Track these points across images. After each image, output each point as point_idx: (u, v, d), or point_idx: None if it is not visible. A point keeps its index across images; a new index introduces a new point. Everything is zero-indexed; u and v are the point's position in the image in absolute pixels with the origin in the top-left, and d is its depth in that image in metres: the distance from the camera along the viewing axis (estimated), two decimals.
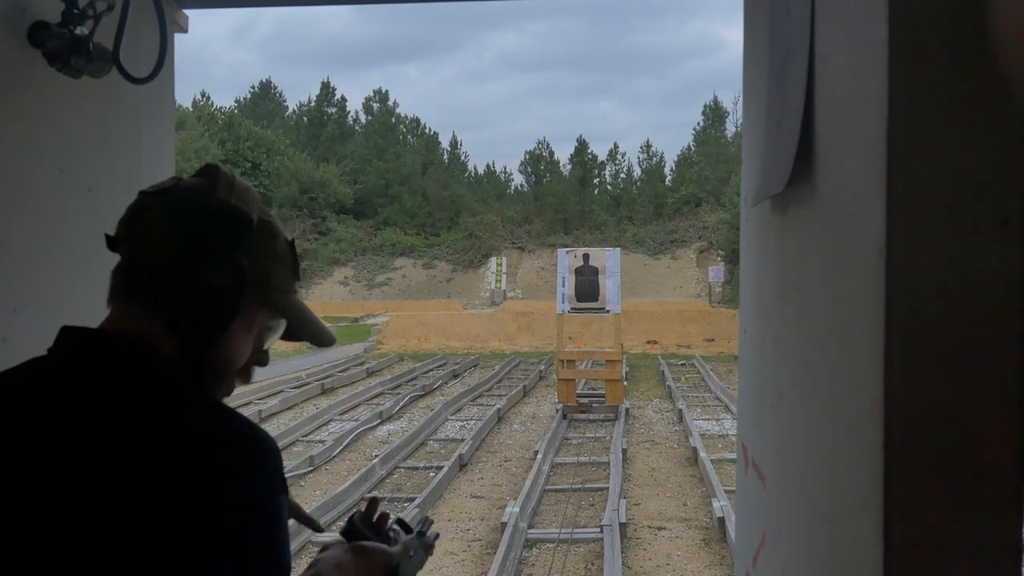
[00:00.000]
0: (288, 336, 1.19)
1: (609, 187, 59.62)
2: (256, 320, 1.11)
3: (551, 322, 18.66)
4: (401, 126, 62.48)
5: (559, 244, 35.09)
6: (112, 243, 1.09)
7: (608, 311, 13.39)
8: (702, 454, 9.73)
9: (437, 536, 1.44)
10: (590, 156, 59.23)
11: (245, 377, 1.15)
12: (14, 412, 1.00)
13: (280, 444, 1.10)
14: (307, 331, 1.17)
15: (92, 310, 2.16)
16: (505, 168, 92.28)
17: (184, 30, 2.52)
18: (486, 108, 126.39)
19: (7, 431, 0.98)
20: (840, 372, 1.04)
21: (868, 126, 0.91)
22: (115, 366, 1.01)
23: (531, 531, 7.35)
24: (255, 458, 0.98)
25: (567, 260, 13.46)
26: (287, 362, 18.98)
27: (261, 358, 1.16)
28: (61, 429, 0.96)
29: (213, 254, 1.04)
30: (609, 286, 13.30)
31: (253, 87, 65.12)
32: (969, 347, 0.85)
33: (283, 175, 48.78)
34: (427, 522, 1.43)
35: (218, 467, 0.94)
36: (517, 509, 7.44)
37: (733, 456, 9.08)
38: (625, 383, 15.10)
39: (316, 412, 13.44)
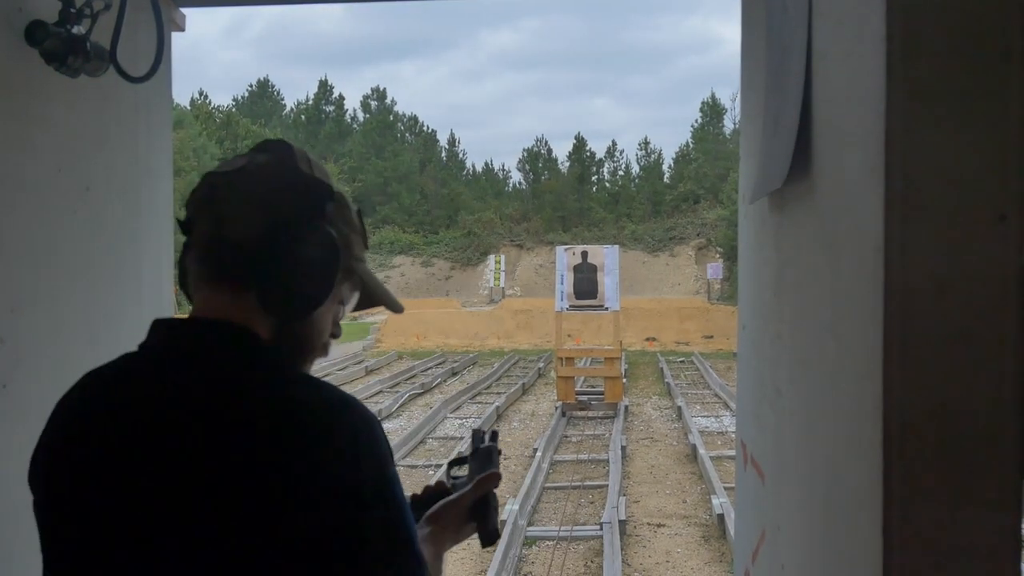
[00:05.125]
0: (358, 306, 1.20)
1: (607, 184, 59.60)
2: (341, 291, 1.11)
3: (550, 320, 18.64)
4: (399, 124, 62.46)
5: (558, 242, 35.06)
6: (186, 226, 1.07)
7: (607, 308, 13.37)
8: (701, 451, 9.72)
9: (492, 437, 1.43)
10: (588, 154, 59.21)
11: (324, 351, 1.15)
12: (117, 410, 0.99)
13: None
14: (382, 298, 1.19)
15: (90, 309, 2.16)
16: (503, 166, 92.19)
17: (181, 29, 2.52)
18: (483, 106, 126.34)
19: (113, 431, 0.98)
20: (838, 369, 1.04)
21: (866, 123, 0.91)
22: (212, 354, 1.00)
23: (530, 529, 7.35)
24: (366, 439, 0.97)
25: (566, 258, 13.44)
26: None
27: (335, 330, 1.16)
28: (165, 424, 0.95)
29: (305, 226, 1.03)
30: (608, 283, 13.28)
31: (251, 86, 65.06)
32: (967, 343, 0.85)
33: None
34: (479, 437, 1.43)
35: (329, 453, 0.93)
36: (516, 507, 7.43)
37: (732, 453, 9.09)
38: (624, 380, 15.09)
39: None
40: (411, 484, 9.07)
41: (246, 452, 0.92)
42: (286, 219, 1.02)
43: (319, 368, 18.67)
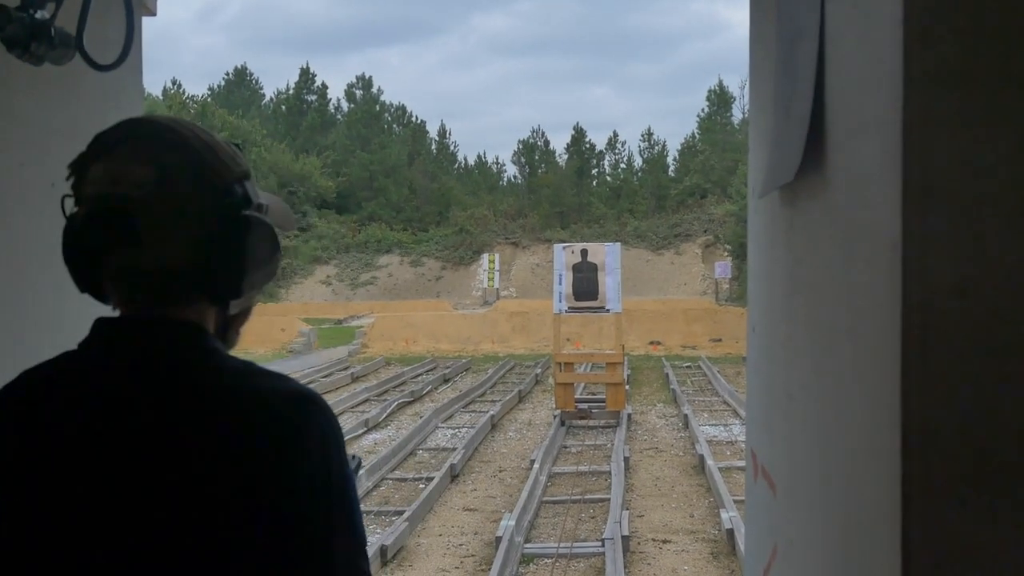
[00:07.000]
0: None
1: (608, 178, 59.76)
2: None
3: (547, 322, 18.66)
4: (386, 114, 62.48)
5: (555, 239, 35.14)
6: (102, 249, 1.05)
7: (608, 310, 13.38)
8: (709, 462, 9.74)
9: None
10: (588, 145, 59.36)
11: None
12: (70, 412, 1.02)
13: None
14: (282, 220, 1.21)
15: (53, 309, 2.15)
16: (497, 159, 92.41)
17: (152, 13, 2.51)
18: (475, 95, 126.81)
19: (66, 433, 1.01)
20: (854, 374, 1.04)
21: (882, 111, 0.91)
22: (167, 352, 1.04)
23: (528, 546, 7.35)
24: (333, 435, 1.05)
25: (564, 256, 13.45)
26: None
27: None
28: (126, 425, 0.99)
29: (241, 231, 1.06)
30: (609, 283, 13.30)
31: (227, 74, 65.11)
32: (991, 346, 0.85)
33: (260, 168, 48.69)
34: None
35: (299, 449, 1.00)
36: (513, 522, 7.43)
37: (742, 463, 9.10)
38: (627, 387, 15.12)
39: None
40: (400, 498, 9.07)
41: (214, 449, 0.97)
42: (219, 232, 1.04)
43: (304, 374, 18.67)
